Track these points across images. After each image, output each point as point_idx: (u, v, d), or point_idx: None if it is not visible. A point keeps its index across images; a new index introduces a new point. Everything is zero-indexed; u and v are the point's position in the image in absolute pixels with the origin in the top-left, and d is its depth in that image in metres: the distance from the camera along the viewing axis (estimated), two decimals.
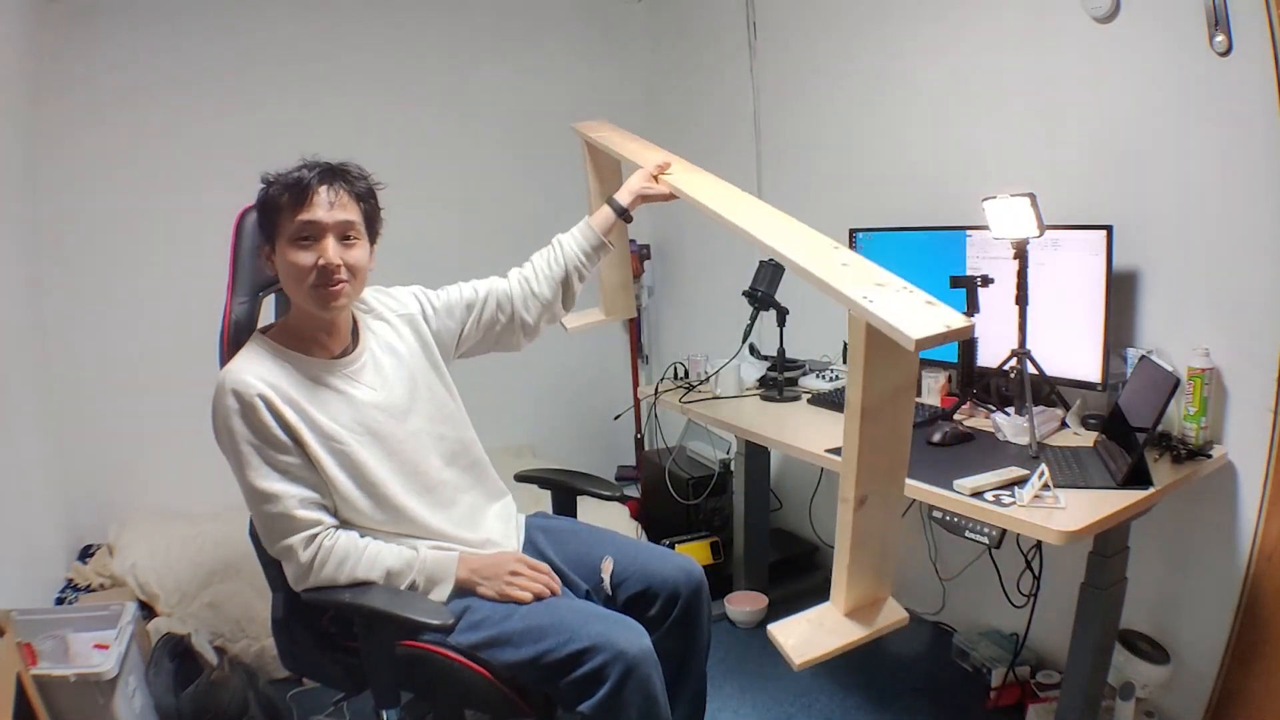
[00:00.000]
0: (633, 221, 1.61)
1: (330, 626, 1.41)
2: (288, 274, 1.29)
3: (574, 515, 1.76)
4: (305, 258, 1.27)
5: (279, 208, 1.28)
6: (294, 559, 1.26)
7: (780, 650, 1.13)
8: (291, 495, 1.25)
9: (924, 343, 0.90)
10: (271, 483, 1.25)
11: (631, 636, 1.24)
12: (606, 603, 1.44)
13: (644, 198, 1.59)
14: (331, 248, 1.28)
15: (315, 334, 1.35)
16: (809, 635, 1.14)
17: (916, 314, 0.95)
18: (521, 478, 1.78)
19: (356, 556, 1.28)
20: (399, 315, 1.49)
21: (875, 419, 1.02)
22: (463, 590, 1.34)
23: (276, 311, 1.51)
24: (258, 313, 1.44)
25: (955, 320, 0.94)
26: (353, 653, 1.37)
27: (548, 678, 1.24)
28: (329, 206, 1.28)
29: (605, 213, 1.61)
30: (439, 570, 1.33)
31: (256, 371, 1.27)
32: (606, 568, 1.45)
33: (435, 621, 1.21)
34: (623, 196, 1.60)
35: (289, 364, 1.31)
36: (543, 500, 1.79)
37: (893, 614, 1.21)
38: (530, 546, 1.53)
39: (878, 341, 0.96)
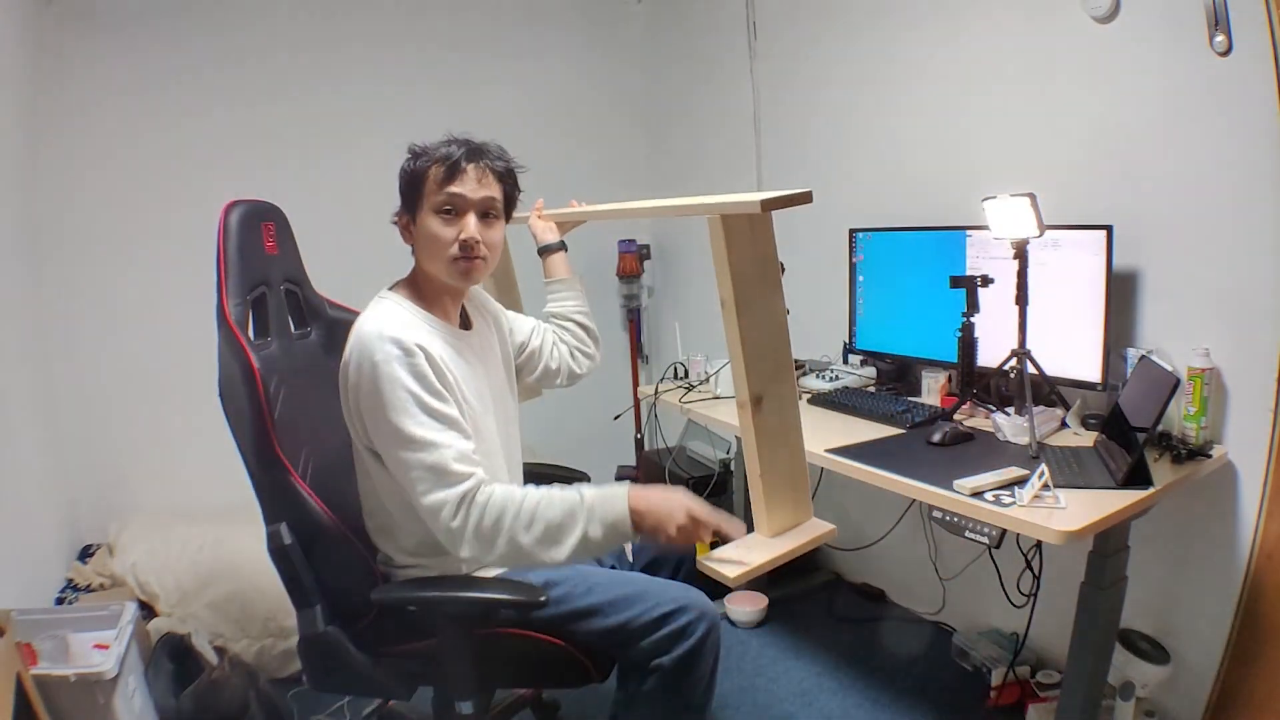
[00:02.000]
0: (566, 249, 1.78)
1: (368, 632, 1.38)
2: (429, 244, 1.34)
3: None
4: (448, 231, 1.32)
5: (426, 179, 1.32)
6: (442, 519, 1.20)
7: (714, 573, 1.17)
8: (450, 446, 1.21)
9: (770, 203, 1.05)
10: (431, 431, 1.21)
11: (705, 600, 1.33)
12: (627, 570, 1.55)
13: (559, 225, 1.78)
14: (473, 223, 1.33)
15: (441, 300, 1.40)
16: (740, 555, 1.19)
17: (759, 195, 1.08)
18: None
19: (514, 510, 1.19)
20: (491, 313, 1.58)
21: (749, 312, 1.12)
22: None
23: (255, 315, 1.48)
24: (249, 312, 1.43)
25: (795, 191, 1.08)
26: (405, 655, 1.36)
27: (629, 641, 1.30)
28: (476, 183, 1.33)
29: (549, 261, 1.76)
30: (607, 509, 1.19)
31: (406, 325, 1.28)
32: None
33: (530, 599, 1.25)
34: (547, 237, 1.76)
35: (427, 324, 1.34)
36: None
37: (818, 528, 1.26)
38: None
39: (734, 231, 1.09)
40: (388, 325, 1.25)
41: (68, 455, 2.41)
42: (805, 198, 1.08)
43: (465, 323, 1.48)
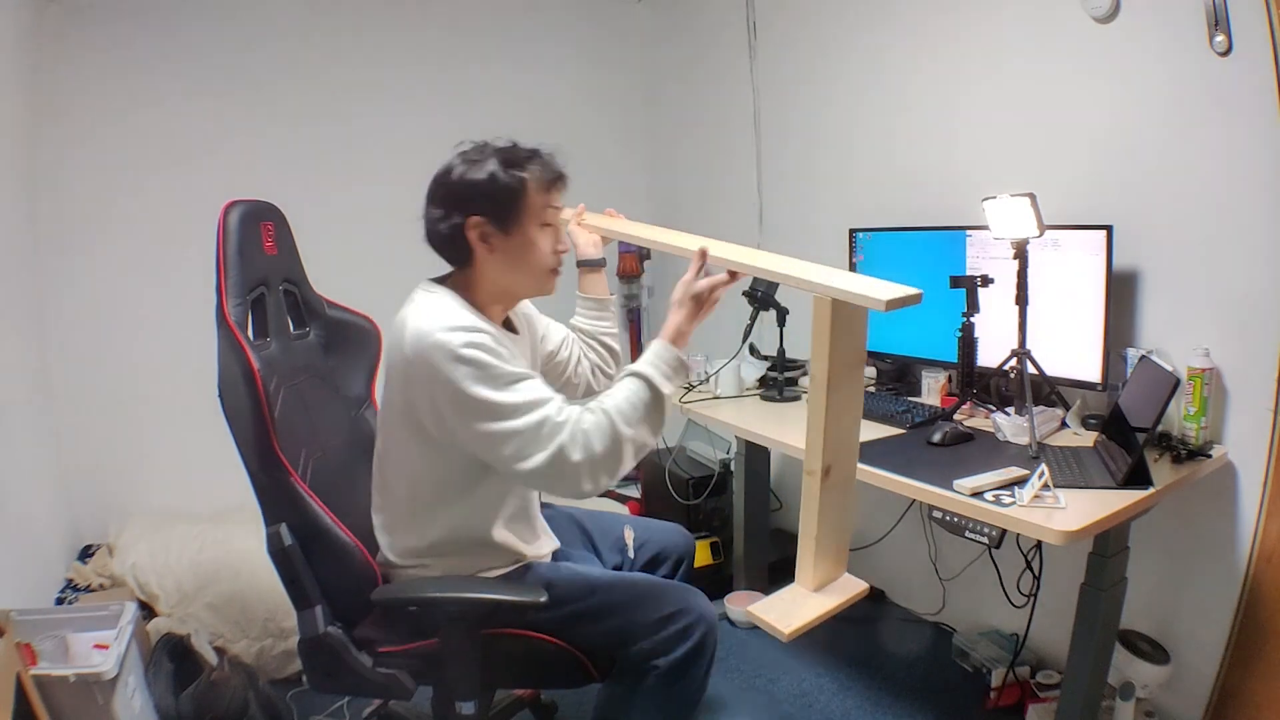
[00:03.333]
0: (606, 265, 1.70)
1: (368, 633, 1.38)
2: (527, 256, 1.33)
3: None
4: (547, 242, 1.34)
5: (526, 190, 1.30)
6: (567, 462, 1.17)
7: (765, 626, 1.22)
8: (552, 399, 1.21)
9: (893, 303, 1.06)
10: (528, 394, 1.20)
11: (705, 602, 1.37)
12: (629, 565, 1.60)
13: (602, 240, 1.68)
14: (564, 235, 1.36)
15: (493, 307, 1.38)
16: (789, 609, 1.24)
17: (875, 286, 1.10)
18: None
19: (611, 425, 1.20)
20: (526, 317, 1.57)
21: (837, 390, 1.16)
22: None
23: (254, 315, 1.45)
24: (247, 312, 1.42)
25: (910, 289, 1.09)
26: (406, 656, 1.36)
27: (630, 641, 1.32)
28: (562, 194, 1.36)
29: (590, 278, 1.69)
30: (670, 358, 1.27)
31: (466, 318, 1.25)
32: (629, 535, 1.62)
33: (531, 599, 1.27)
34: (591, 251, 1.67)
35: (483, 322, 1.29)
36: None
37: (854, 586, 1.31)
38: (563, 517, 1.63)
39: (840, 315, 1.12)
40: (450, 317, 1.23)
41: (68, 455, 2.41)
42: (916, 299, 1.09)
43: (509, 327, 1.47)
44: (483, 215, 1.30)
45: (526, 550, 1.43)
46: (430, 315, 1.24)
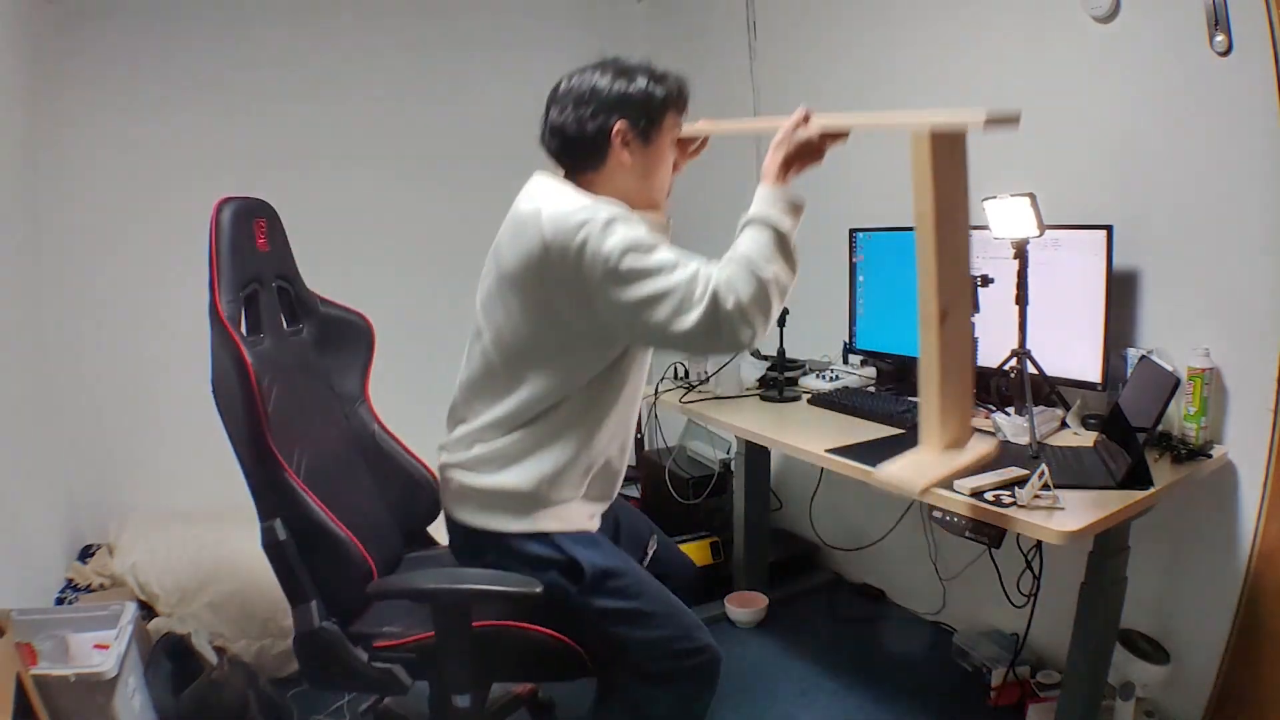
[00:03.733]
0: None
1: (364, 627, 1.39)
2: (659, 172, 1.39)
3: None
4: (670, 159, 1.41)
5: (669, 108, 1.37)
6: (721, 310, 1.18)
7: (892, 484, 1.16)
8: (694, 256, 1.22)
9: (992, 122, 1.03)
10: (671, 253, 1.22)
11: (714, 640, 1.37)
12: None
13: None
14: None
15: None
16: (917, 468, 1.18)
17: (965, 112, 1.07)
18: None
19: (749, 268, 1.21)
20: None
21: (946, 227, 1.11)
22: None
23: (247, 312, 1.45)
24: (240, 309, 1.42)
25: (1009, 108, 1.06)
26: (402, 649, 1.37)
27: (656, 657, 1.31)
28: None
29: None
30: (778, 196, 1.28)
31: (600, 199, 1.27)
32: (651, 546, 1.60)
33: (525, 591, 1.26)
34: None
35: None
36: None
37: (984, 445, 1.24)
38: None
39: (940, 147, 1.08)
40: (584, 198, 1.26)
41: (67, 455, 2.41)
42: (1015, 118, 1.07)
43: None
44: (630, 122, 1.34)
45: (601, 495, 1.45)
46: (566, 199, 1.26)
